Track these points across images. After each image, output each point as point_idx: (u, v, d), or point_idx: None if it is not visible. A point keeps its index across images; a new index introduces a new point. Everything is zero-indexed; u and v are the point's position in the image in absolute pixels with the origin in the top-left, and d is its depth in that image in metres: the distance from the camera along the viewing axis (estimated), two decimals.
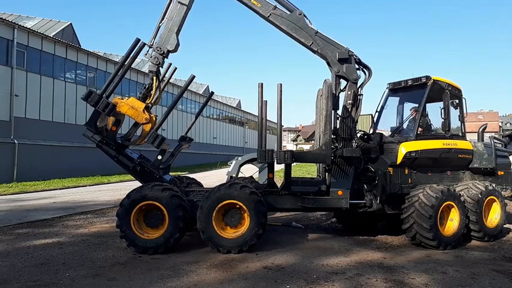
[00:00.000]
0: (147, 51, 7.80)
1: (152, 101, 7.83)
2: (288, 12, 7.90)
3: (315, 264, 6.34)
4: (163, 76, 8.42)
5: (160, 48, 7.71)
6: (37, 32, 24.91)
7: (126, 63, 7.66)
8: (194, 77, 9.46)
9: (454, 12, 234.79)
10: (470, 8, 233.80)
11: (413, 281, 5.60)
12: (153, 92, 7.78)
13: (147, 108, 7.73)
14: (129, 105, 7.56)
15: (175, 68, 8.75)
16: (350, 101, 7.80)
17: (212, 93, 10.35)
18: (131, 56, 7.51)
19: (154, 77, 7.78)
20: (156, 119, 7.89)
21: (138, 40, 7.49)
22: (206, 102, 10.51)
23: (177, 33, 7.81)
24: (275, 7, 7.85)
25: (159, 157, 7.93)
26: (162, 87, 8.19)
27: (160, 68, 7.91)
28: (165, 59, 7.89)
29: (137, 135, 8.07)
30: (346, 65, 7.86)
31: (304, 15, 7.90)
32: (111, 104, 7.26)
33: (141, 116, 7.56)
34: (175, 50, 7.85)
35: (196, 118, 10.13)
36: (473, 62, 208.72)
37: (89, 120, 7.56)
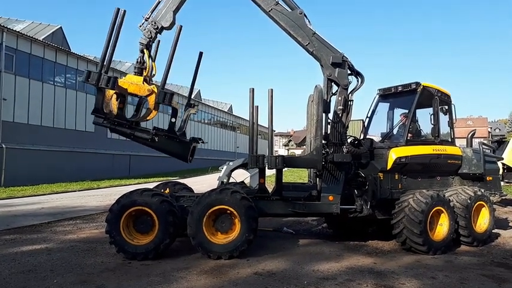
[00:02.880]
0: (142, 23, 7.75)
1: (149, 74, 7.76)
2: (289, 10, 7.95)
3: (305, 270, 6.33)
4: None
5: (155, 22, 7.68)
6: (26, 35, 24.71)
7: (112, 36, 7.27)
8: None
9: (444, 22, 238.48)
10: (460, 19, 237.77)
11: (403, 286, 5.62)
12: (147, 64, 7.72)
13: (146, 81, 7.67)
14: (128, 82, 7.50)
15: (159, 41, 8.26)
16: (340, 107, 7.84)
17: (201, 53, 8.85)
18: (116, 26, 7.20)
19: (145, 50, 7.73)
20: (157, 90, 7.63)
21: (117, 10, 7.17)
22: (199, 63, 9.00)
23: (175, 11, 7.79)
24: (277, 3, 7.89)
25: (173, 119, 7.81)
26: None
27: (151, 42, 7.82)
28: (158, 34, 7.82)
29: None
30: (339, 70, 7.90)
31: (305, 15, 7.95)
32: (112, 77, 7.11)
33: (143, 89, 7.49)
34: (169, 28, 7.80)
35: (192, 84, 9.03)
36: (463, 68, 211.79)
37: (94, 107, 7.41)
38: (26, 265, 6.45)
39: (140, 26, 7.75)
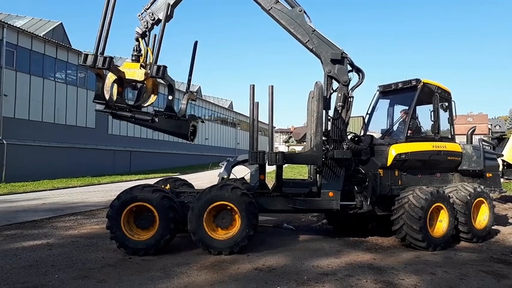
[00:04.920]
0: (141, 13, 7.82)
1: (145, 60, 7.77)
2: (289, 8, 7.95)
3: (305, 266, 6.36)
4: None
5: (153, 14, 7.75)
6: (27, 31, 24.67)
7: (107, 14, 7.10)
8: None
9: (445, 20, 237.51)
10: (460, 17, 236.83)
11: (402, 282, 5.64)
12: (143, 51, 7.76)
13: (143, 67, 7.65)
14: (126, 68, 7.55)
15: (156, 35, 8.02)
16: (340, 103, 7.84)
17: (196, 42, 8.77)
18: (110, 5, 7.03)
19: (140, 38, 7.81)
20: (157, 80, 7.73)
21: None
22: (194, 51, 8.93)
23: (173, 5, 7.82)
24: (277, 1, 7.90)
25: (170, 97, 7.84)
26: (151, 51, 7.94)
27: (147, 32, 7.86)
28: (155, 26, 7.85)
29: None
30: (338, 67, 7.90)
31: (305, 13, 7.95)
32: (108, 57, 7.01)
33: (140, 73, 7.53)
34: (165, 21, 7.81)
35: (190, 71, 8.94)
36: (463, 65, 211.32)
37: (95, 95, 7.45)
38: (27, 260, 6.49)
39: (139, 16, 7.81)
